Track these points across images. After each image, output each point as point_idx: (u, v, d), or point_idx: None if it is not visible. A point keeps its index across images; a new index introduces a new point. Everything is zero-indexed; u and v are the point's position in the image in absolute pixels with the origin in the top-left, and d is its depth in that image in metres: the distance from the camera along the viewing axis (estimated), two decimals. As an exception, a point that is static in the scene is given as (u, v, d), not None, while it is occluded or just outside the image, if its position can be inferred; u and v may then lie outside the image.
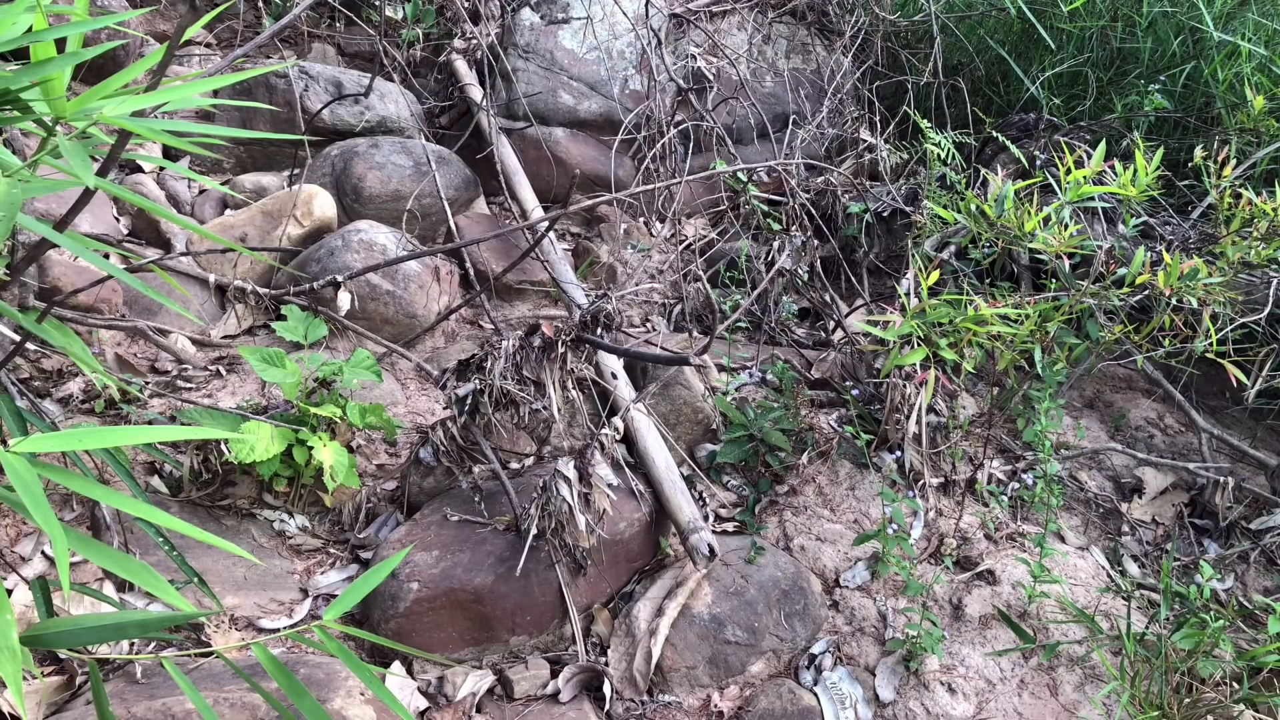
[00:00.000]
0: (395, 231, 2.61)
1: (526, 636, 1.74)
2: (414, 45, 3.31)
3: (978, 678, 1.76)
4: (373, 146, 2.85)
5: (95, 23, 0.94)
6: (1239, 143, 2.60)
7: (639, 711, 1.67)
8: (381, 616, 1.68)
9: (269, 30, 1.77)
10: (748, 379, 2.39)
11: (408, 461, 2.01)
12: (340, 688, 1.47)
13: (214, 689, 1.42)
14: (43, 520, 0.65)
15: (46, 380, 2.04)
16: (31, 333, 1.02)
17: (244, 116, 2.94)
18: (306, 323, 2.01)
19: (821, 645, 1.82)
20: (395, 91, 3.11)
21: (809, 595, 1.86)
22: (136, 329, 2.16)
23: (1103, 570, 2.03)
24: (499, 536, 1.77)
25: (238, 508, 1.91)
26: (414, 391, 2.38)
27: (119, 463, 1.31)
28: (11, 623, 0.70)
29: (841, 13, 3.67)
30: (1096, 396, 2.57)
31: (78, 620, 0.81)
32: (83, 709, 1.41)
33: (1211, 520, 2.17)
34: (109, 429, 0.78)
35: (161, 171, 2.79)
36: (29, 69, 0.87)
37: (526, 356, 1.83)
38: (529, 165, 3.04)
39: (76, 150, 0.82)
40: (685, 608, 1.77)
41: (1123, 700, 1.65)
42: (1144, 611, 1.92)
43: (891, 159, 3.11)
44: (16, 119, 0.92)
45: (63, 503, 1.77)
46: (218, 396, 2.15)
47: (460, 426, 1.88)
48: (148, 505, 0.81)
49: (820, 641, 1.83)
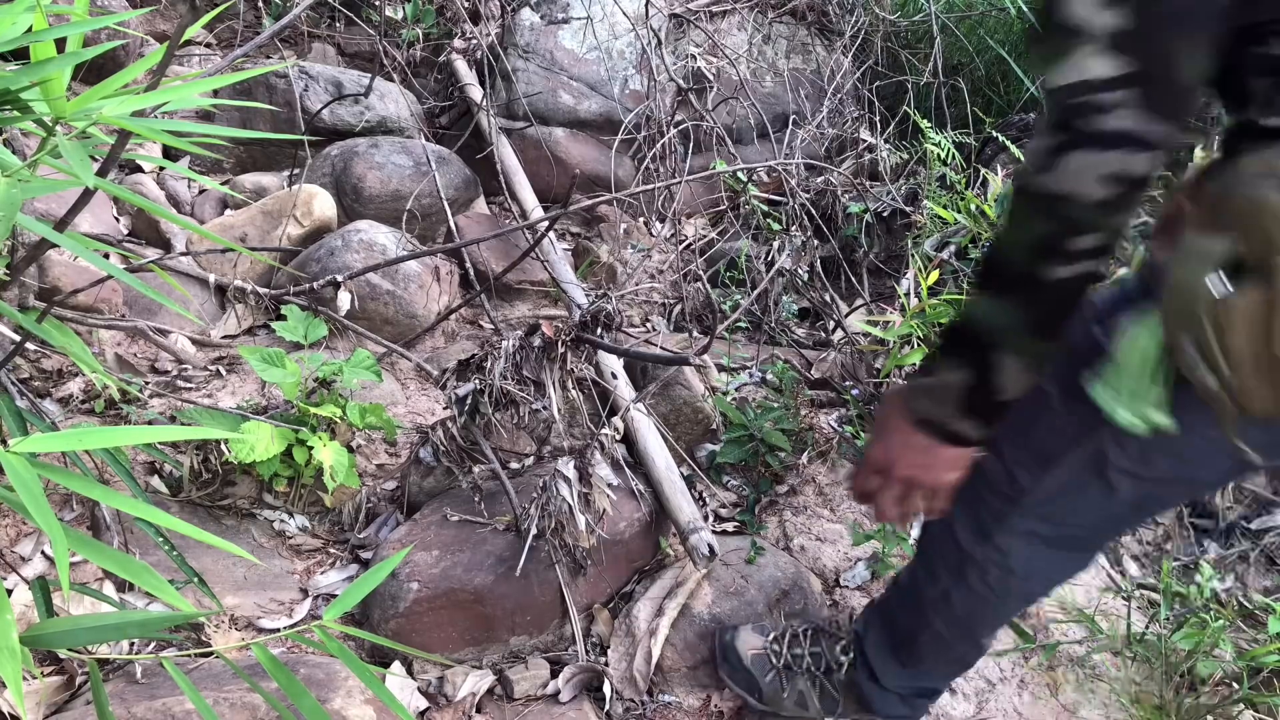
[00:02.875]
0: (395, 231, 2.61)
1: (526, 636, 1.74)
2: (414, 45, 3.31)
3: (978, 677, 1.76)
4: (373, 146, 2.85)
5: (95, 23, 0.94)
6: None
7: (639, 711, 1.67)
8: (381, 616, 1.68)
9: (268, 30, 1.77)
10: (748, 379, 2.39)
11: (408, 461, 2.01)
12: (340, 688, 1.47)
13: (214, 689, 1.42)
14: (42, 520, 0.65)
15: (46, 380, 2.04)
16: (31, 333, 1.02)
17: (244, 116, 2.94)
18: (306, 323, 2.01)
19: (821, 645, 1.82)
20: (395, 91, 3.11)
21: (809, 595, 1.86)
22: (136, 329, 2.16)
23: (1103, 570, 2.03)
24: (499, 536, 1.77)
25: (238, 508, 1.91)
26: (414, 391, 2.38)
27: (119, 463, 1.31)
28: (11, 623, 0.70)
29: (841, 13, 3.67)
30: (1096, 396, 2.57)
31: (78, 620, 0.81)
32: (83, 709, 1.41)
33: (1211, 520, 2.17)
34: (109, 429, 0.78)
35: (161, 171, 2.79)
36: (29, 69, 0.87)
37: (526, 356, 1.83)
38: (529, 165, 3.04)
39: (76, 150, 0.82)
40: (685, 608, 1.77)
41: (1124, 701, 1.65)
42: (1144, 611, 1.92)
43: (891, 159, 3.11)
44: (16, 119, 0.92)
45: (63, 503, 1.77)
46: (218, 396, 2.15)
47: (460, 426, 1.88)
48: (148, 505, 0.81)
49: (820, 641, 1.83)
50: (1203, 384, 0.85)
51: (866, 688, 1.55)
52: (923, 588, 1.38)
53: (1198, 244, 0.84)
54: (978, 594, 1.29)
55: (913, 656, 1.46)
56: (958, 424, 1.03)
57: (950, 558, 1.29)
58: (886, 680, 1.51)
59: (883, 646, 1.51)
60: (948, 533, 1.28)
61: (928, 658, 1.45)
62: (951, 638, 1.39)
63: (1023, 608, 1.41)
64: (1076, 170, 0.87)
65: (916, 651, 1.45)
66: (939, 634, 1.39)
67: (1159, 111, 0.84)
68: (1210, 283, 0.82)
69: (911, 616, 1.43)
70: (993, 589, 1.28)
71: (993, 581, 1.27)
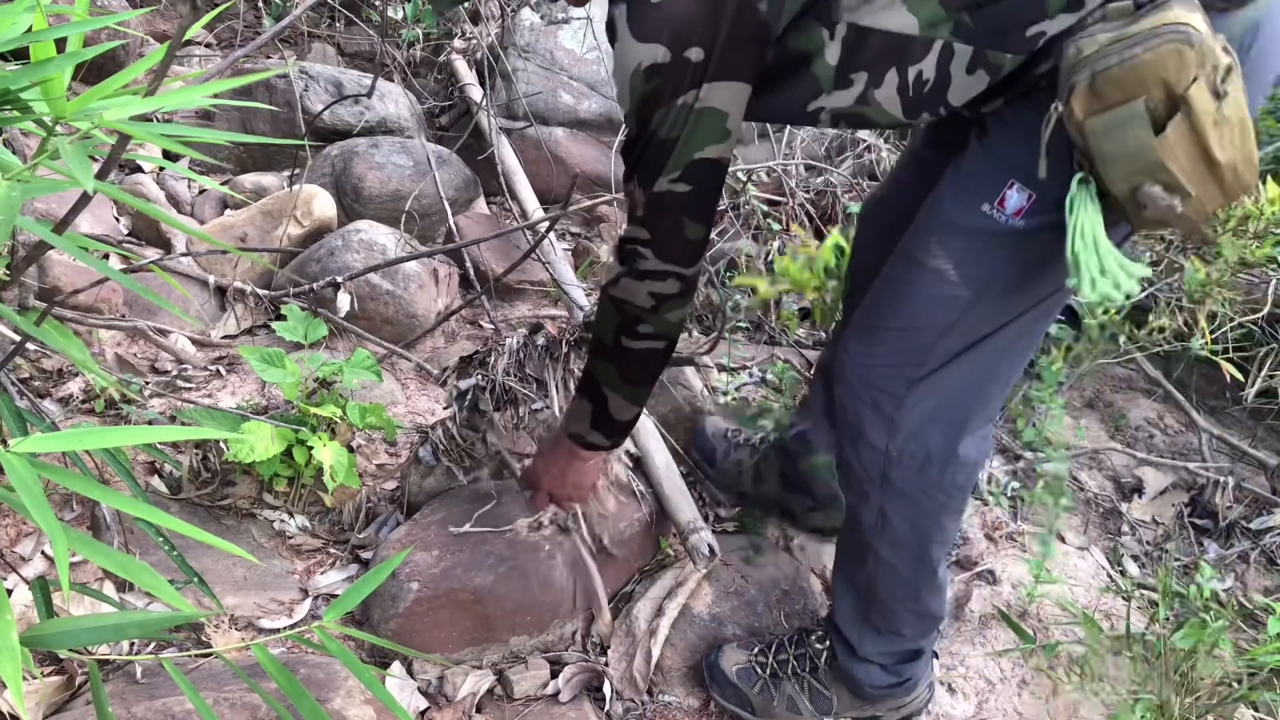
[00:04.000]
0: (395, 231, 2.61)
1: (526, 636, 1.74)
2: (414, 45, 3.31)
3: (978, 677, 1.76)
4: (373, 146, 2.85)
5: (95, 22, 0.94)
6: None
7: (639, 711, 1.67)
8: (381, 616, 1.68)
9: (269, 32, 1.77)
10: (748, 379, 2.39)
11: (408, 461, 2.01)
12: (340, 688, 1.47)
13: (214, 689, 1.42)
14: (42, 520, 0.65)
15: (47, 380, 2.04)
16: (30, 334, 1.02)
17: (244, 117, 2.94)
18: (306, 323, 2.01)
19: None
20: (395, 91, 3.11)
21: (809, 595, 1.86)
22: (136, 329, 2.16)
23: (1103, 570, 2.03)
24: (499, 536, 1.77)
25: (238, 508, 1.91)
26: (414, 392, 2.38)
27: (119, 463, 1.31)
28: (11, 623, 0.70)
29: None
30: (1096, 396, 2.57)
31: (78, 620, 0.81)
32: (83, 709, 1.41)
33: (1211, 520, 2.17)
34: (109, 429, 0.78)
35: (161, 172, 2.79)
36: (29, 69, 0.87)
37: (530, 354, 1.84)
38: (529, 165, 3.03)
39: (77, 153, 0.82)
40: (685, 608, 1.77)
41: (1123, 700, 1.65)
42: (1144, 611, 1.92)
43: (891, 159, 3.11)
44: (16, 119, 0.92)
45: (63, 503, 1.77)
46: (218, 396, 2.15)
47: (461, 424, 1.88)
48: (148, 505, 0.81)
49: (820, 641, 1.83)
50: (1170, 212, 1.04)
51: (847, 665, 1.57)
52: (861, 517, 1.46)
53: (1118, 116, 1.02)
54: (909, 497, 1.41)
55: (880, 611, 1.52)
56: (590, 436, 1.53)
57: (873, 469, 1.41)
58: (864, 648, 1.55)
59: (852, 615, 1.55)
60: (863, 448, 1.40)
61: (892, 606, 1.50)
62: (901, 563, 1.46)
63: (958, 504, 1.46)
64: (626, 288, 1.35)
65: (879, 600, 1.51)
66: (889, 565, 1.46)
67: (667, 259, 1.31)
68: (1148, 133, 1.01)
69: (859, 555, 1.50)
70: (919, 484, 1.39)
71: (913, 474, 1.39)
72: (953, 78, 1.18)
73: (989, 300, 1.26)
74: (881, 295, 1.37)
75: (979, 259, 1.24)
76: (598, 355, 1.46)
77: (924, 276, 1.27)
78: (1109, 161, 1.05)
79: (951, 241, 1.25)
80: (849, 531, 1.54)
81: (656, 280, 1.32)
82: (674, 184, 1.26)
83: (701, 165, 1.25)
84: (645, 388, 1.47)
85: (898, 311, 1.32)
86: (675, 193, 1.26)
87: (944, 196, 1.27)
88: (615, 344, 1.40)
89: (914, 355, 1.32)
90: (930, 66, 1.18)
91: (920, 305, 1.30)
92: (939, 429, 1.36)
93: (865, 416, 1.38)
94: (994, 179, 1.21)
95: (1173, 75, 0.99)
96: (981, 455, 1.43)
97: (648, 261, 1.32)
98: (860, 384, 1.37)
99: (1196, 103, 1.00)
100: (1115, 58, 1.01)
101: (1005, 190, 1.19)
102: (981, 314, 1.28)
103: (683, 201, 1.27)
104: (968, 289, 1.25)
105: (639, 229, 1.31)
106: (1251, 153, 1.05)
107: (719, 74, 1.21)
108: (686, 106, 1.21)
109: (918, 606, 1.52)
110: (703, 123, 1.22)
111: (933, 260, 1.26)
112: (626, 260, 1.35)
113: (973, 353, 1.30)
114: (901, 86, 1.21)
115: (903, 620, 1.53)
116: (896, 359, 1.33)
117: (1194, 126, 1.00)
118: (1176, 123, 1.00)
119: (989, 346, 1.30)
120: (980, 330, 1.29)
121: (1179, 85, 0.99)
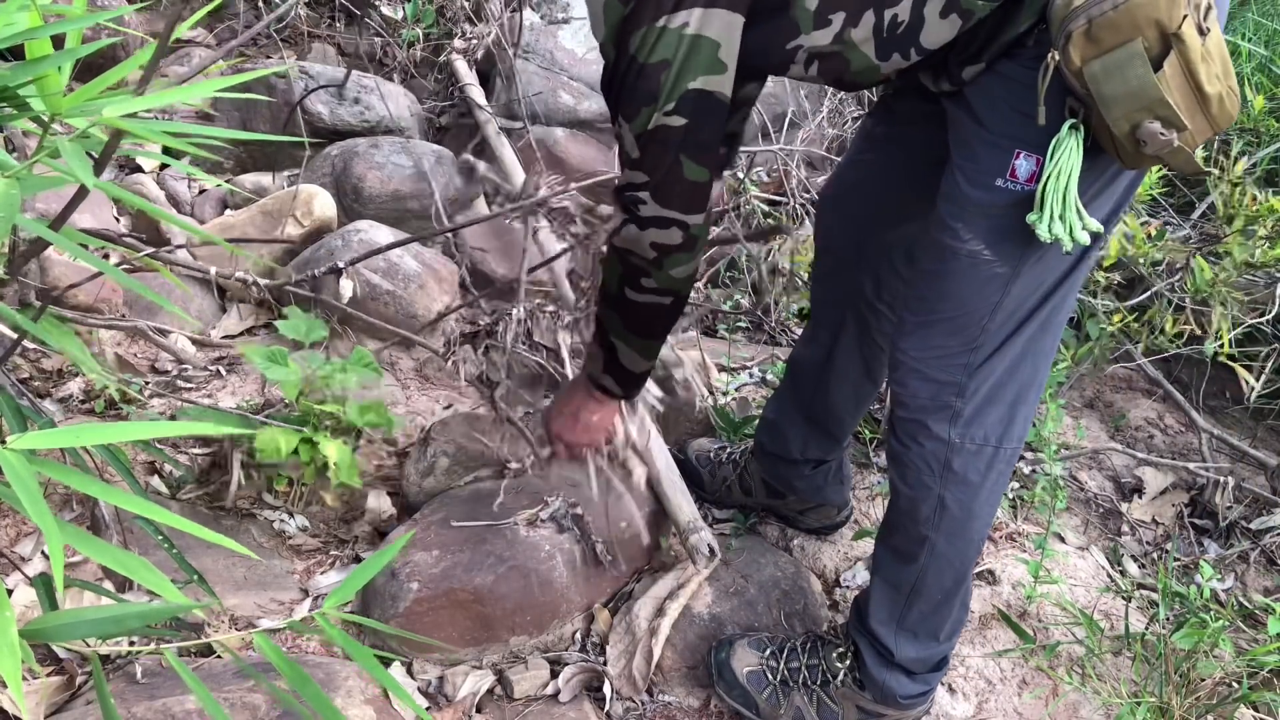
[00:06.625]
0: (395, 231, 2.61)
1: (526, 636, 1.74)
2: (414, 45, 3.31)
3: (978, 678, 1.76)
4: (373, 146, 2.85)
5: (92, 19, 0.93)
6: (1240, 143, 2.60)
7: (639, 711, 1.67)
8: (381, 616, 1.68)
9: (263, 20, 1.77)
10: (748, 379, 2.39)
11: (408, 461, 2.01)
12: (340, 687, 1.47)
13: (214, 689, 1.42)
14: (36, 514, 0.65)
15: (46, 380, 2.04)
16: (28, 332, 1.01)
17: (244, 116, 2.94)
18: (308, 323, 2.01)
19: (821, 645, 1.82)
20: (395, 91, 3.11)
21: (809, 595, 1.86)
22: (136, 329, 2.16)
23: (1103, 570, 2.03)
24: (499, 536, 1.77)
25: (238, 508, 1.91)
26: (414, 391, 2.38)
27: (119, 461, 1.31)
28: (11, 619, 0.70)
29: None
30: (1096, 396, 2.57)
31: (78, 613, 0.81)
32: (83, 709, 1.41)
33: (1211, 520, 2.17)
34: (108, 425, 0.78)
35: (162, 171, 2.79)
36: (25, 66, 0.87)
37: (537, 322, 1.86)
38: (529, 165, 3.03)
39: (75, 151, 0.82)
40: (686, 607, 1.77)
41: (1124, 701, 1.64)
42: (1144, 611, 1.92)
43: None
44: (13, 116, 0.92)
45: (63, 503, 1.77)
46: (218, 396, 2.15)
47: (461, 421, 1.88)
48: (147, 502, 0.81)
49: (820, 641, 1.82)
50: (1167, 146, 1.09)
51: (878, 673, 1.55)
52: (917, 511, 1.46)
53: (1116, 58, 1.07)
54: (970, 483, 1.42)
55: (920, 612, 1.52)
56: (603, 380, 1.55)
57: (935, 460, 1.41)
58: (901, 653, 1.54)
59: (888, 619, 1.54)
60: (926, 440, 1.40)
61: (937, 600, 1.51)
62: (954, 553, 1.47)
63: (1005, 484, 1.49)
64: (629, 237, 1.34)
65: (924, 597, 1.51)
66: (943, 556, 1.47)
67: (668, 205, 1.28)
68: (1148, 71, 1.06)
69: (908, 553, 1.50)
70: (980, 468, 1.41)
71: (974, 459, 1.40)
72: (926, 20, 1.18)
73: (1027, 270, 1.28)
74: (925, 291, 1.37)
75: (1007, 233, 1.25)
76: (604, 304, 1.47)
77: (961, 263, 1.28)
78: (1111, 102, 1.08)
79: (978, 223, 1.26)
80: (896, 530, 1.52)
81: (659, 228, 1.30)
82: (668, 117, 1.22)
83: (696, 97, 1.21)
84: (653, 341, 1.48)
85: (944, 302, 1.33)
86: (669, 127, 1.22)
87: (956, 183, 1.28)
88: (619, 295, 1.40)
89: (969, 341, 1.33)
90: (905, 9, 1.19)
91: (965, 291, 1.31)
92: (996, 410, 1.38)
93: (929, 410, 1.38)
94: (999, 153, 1.22)
95: (1165, 15, 1.04)
96: (1026, 433, 1.44)
97: (648, 206, 1.29)
98: (920, 381, 1.37)
99: (1188, 40, 1.05)
100: (1109, 3, 1.04)
101: (1013, 161, 1.21)
102: (1023, 286, 1.29)
103: (678, 137, 1.23)
104: (1005, 264, 1.27)
105: (635, 172, 1.28)
106: (1234, 85, 1.11)
107: (711, 0, 1.18)
108: (673, 31, 1.18)
109: (961, 595, 1.54)
110: (696, 51, 1.19)
111: (965, 245, 1.27)
112: (627, 208, 1.32)
113: (1022, 329, 1.32)
114: (877, 27, 1.21)
115: (942, 619, 1.53)
116: (953, 348, 1.34)
117: (1186, 63, 1.06)
118: (1171, 60, 1.05)
119: (1034, 321, 1.32)
120: (1027, 304, 1.31)
121: (1171, 24, 1.04)
